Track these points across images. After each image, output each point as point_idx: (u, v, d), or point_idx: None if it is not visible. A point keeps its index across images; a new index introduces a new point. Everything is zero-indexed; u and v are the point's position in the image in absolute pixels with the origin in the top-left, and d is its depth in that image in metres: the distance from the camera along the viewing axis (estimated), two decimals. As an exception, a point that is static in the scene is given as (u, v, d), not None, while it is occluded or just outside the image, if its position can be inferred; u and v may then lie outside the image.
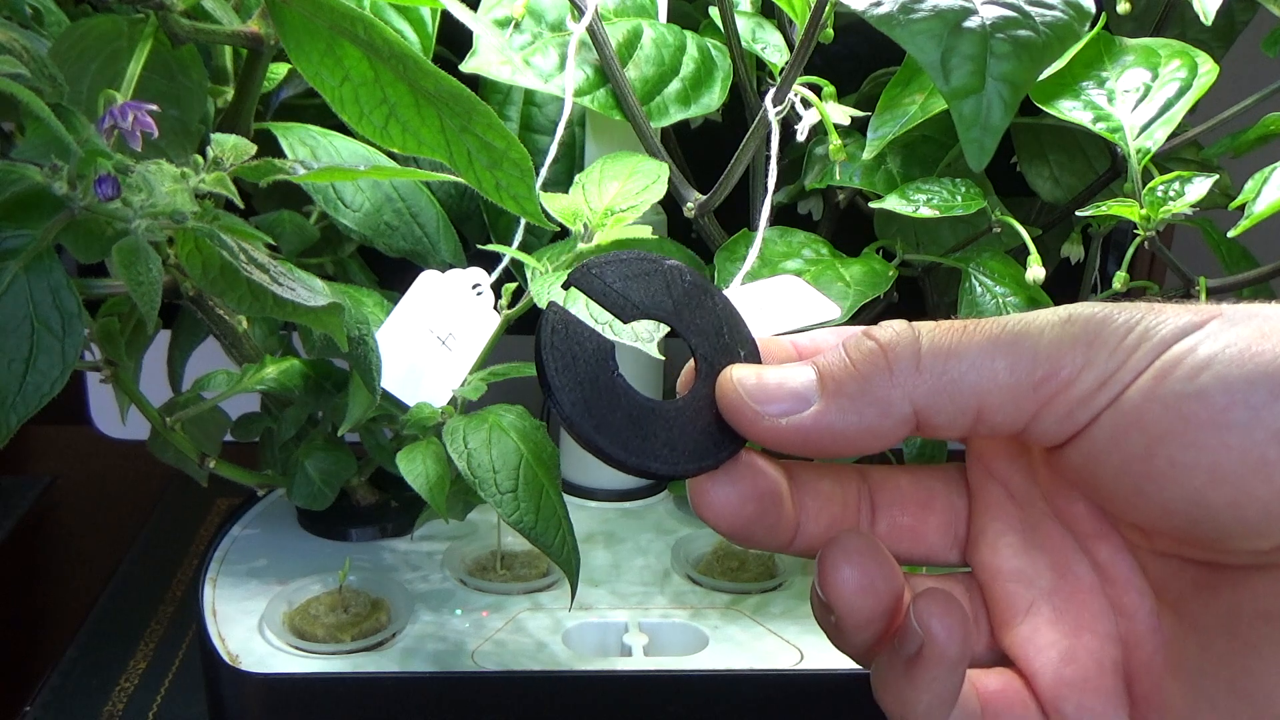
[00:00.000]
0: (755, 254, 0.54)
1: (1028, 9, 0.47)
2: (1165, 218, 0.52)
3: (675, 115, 0.59)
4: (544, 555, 0.54)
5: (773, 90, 0.54)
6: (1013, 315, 0.26)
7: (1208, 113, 0.60)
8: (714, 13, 0.60)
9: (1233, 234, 0.51)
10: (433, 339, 0.55)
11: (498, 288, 0.57)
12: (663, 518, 0.70)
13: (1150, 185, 0.52)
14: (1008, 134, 0.53)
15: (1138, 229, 0.53)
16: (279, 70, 0.57)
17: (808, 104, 0.54)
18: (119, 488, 0.86)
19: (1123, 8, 0.60)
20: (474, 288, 0.56)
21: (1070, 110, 0.55)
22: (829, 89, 0.55)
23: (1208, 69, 0.55)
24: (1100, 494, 0.27)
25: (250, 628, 0.56)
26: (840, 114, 0.55)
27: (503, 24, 0.58)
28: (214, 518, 0.82)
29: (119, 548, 0.78)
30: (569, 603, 0.53)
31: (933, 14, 0.46)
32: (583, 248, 0.51)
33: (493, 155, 0.46)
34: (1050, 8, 0.48)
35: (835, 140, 0.54)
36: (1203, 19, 0.54)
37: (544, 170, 0.57)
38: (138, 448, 0.63)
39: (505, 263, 0.58)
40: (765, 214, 0.55)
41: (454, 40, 0.57)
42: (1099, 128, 0.54)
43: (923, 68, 0.46)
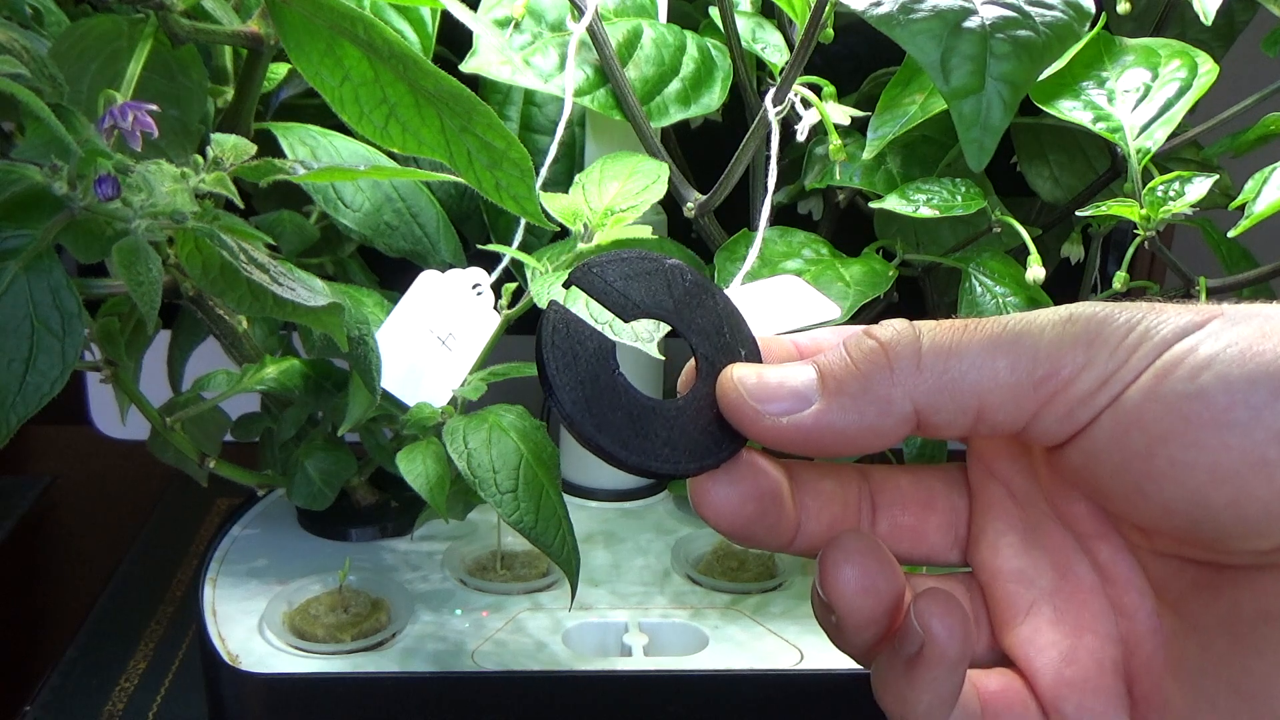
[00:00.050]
0: (755, 254, 0.54)
1: (1028, 9, 0.47)
2: (1165, 218, 0.52)
3: (675, 115, 0.59)
4: (544, 555, 0.54)
5: (773, 90, 0.54)
6: (1013, 315, 0.26)
7: (1208, 113, 0.60)
8: (714, 13, 0.60)
9: (1233, 234, 0.51)
10: (433, 339, 0.55)
11: (498, 288, 0.57)
12: (663, 518, 0.70)
13: (1150, 185, 0.52)
14: (1008, 134, 0.53)
15: (1138, 229, 0.53)
16: (279, 70, 0.57)
17: (808, 104, 0.54)
18: (119, 488, 0.86)
19: (1123, 8, 0.60)
20: (474, 288, 0.56)
21: (1070, 110, 0.55)
22: (829, 89, 0.55)
23: (1208, 69, 0.55)
24: (1101, 494, 0.27)
25: (250, 628, 0.56)
26: (840, 114, 0.55)
27: (503, 24, 0.58)
28: (214, 518, 0.82)
29: (119, 548, 0.78)
30: (569, 603, 0.53)
31: (933, 14, 0.46)
32: (583, 248, 0.51)
33: (493, 155, 0.46)
34: (1050, 8, 0.48)
35: (835, 140, 0.54)
36: (1203, 19, 0.54)
37: (544, 170, 0.57)
38: (138, 448, 0.63)
39: (505, 263, 0.58)
40: (765, 214, 0.55)
41: (454, 40, 0.57)
42: (1099, 128, 0.54)
43: (923, 68, 0.46)
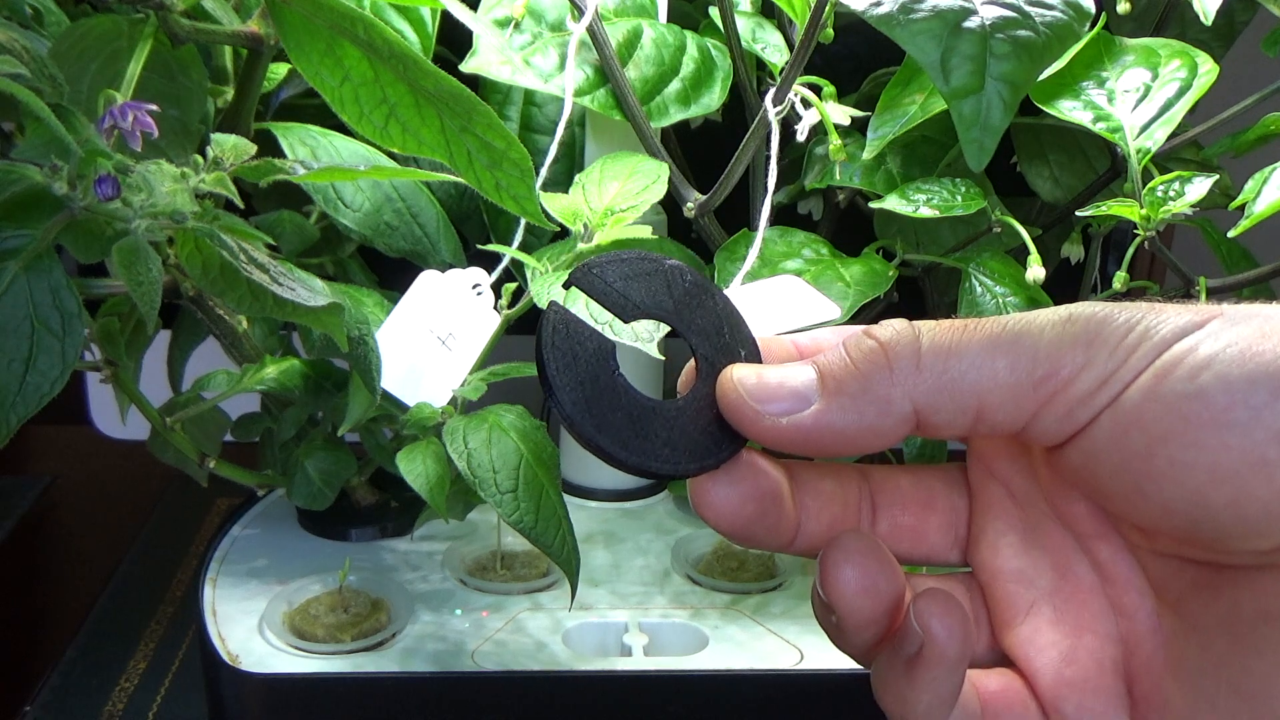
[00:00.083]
0: (755, 254, 0.54)
1: (1028, 9, 0.47)
2: (1165, 218, 0.52)
3: (675, 115, 0.59)
4: (544, 555, 0.54)
5: (773, 90, 0.54)
6: (1013, 315, 0.26)
7: (1208, 113, 0.60)
8: (714, 13, 0.60)
9: (1233, 234, 0.51)
10: (433, 339, 0.55)
11: (498, 288, 0.57)
12: (663, 518, 0.70)
13: (1150, 185, 0.52)
14: (1008, 134, 0.53)
15: (1138, 229, 0.53)
16: (279, 70, 0.57)
17: (808, 104, 0.54)
18: (119, 488, 0.86)
19: (1123, 8, 0.60)
20: (474, 288, 0.56)
21: (1070, 110, 0.55)
22: (829, 89, 0.55)
23: (1208, 69, 0.55)
24: (1100, 493, 0.27)
25: (250, 628, 0.56)
26: (840, 114, 0.55)
27: (503, 24, 0.58)
28: (214, 518, 0.82)
29: (119, 548, 0.78)
30: (569, 603, 0.53)
31: (933, 14, 0.46)
32: (583, 248, 0.51)
33: (493, 155, 0.46)
34: (1050, 8, 0.48)
35: (835, 140, 0.54)
36: (1203, 19, 0.54)
37: (544, 170, 0.57)
38: (138, 448, 0.63)
39: (505, 263, 0.58)
40: (765, 214, 0.55)
41: (454, 40, 0.57)
42: (1099, 128, 0.54)
43: (923, 68, 0.46)
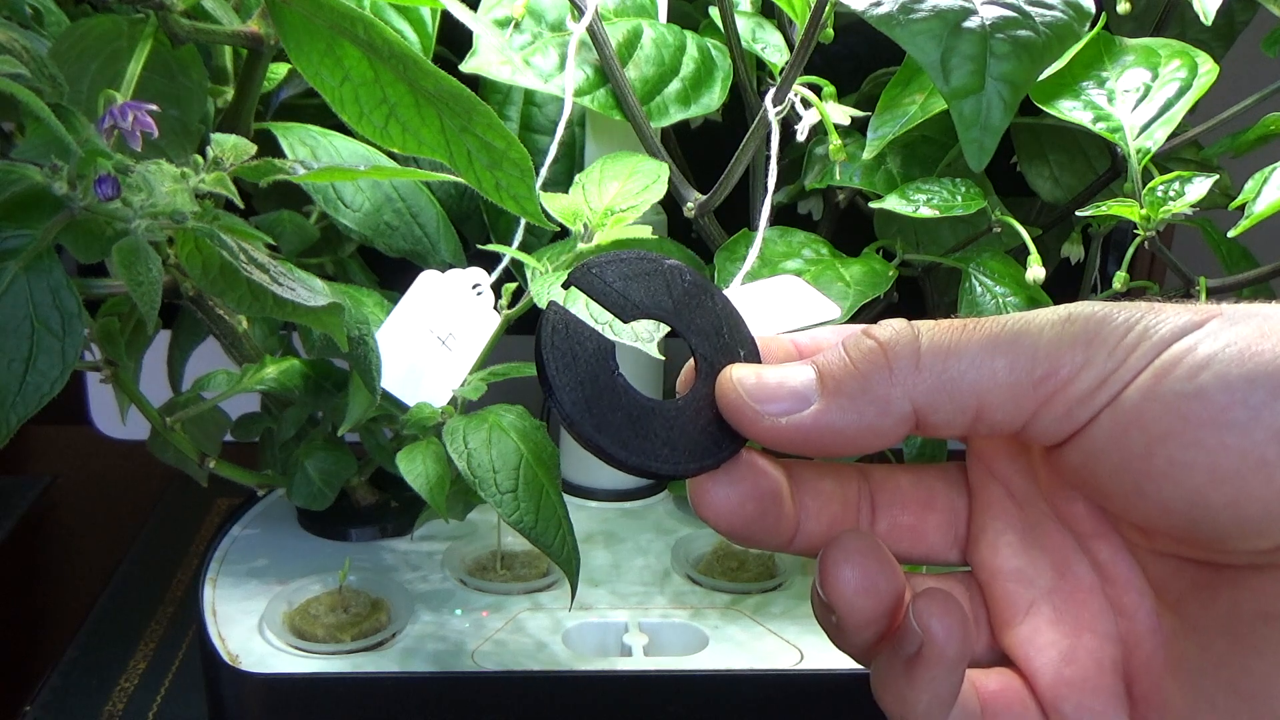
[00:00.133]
0: (755, 254, 0.54)
1: (1028, 9, 0.47)
2: (1165, 218, 0.52)
3: (675, 115, 0.59)
4: (544, 555, 0.54)
5: (773, 90, 0.54)
6: (1012, 314, 0.26)
7: (1208, 113, 0.60)
8: (714, 13, 0.60)
9: (1233, 234, 0.51)
10: (433, 339, 0.55)
11: (498, 288, 0.57)
12: (663, 518, 0.70)
13: (1150, 185, 0.52)
14: (1008, 134, 0.53)
15: (1138, 229, 0.53)
16: (279, 70, 0.57)
17: (808, 104, 0.54)
18: (119, 488, 0.86)
19: (1123, 8, 0.60)
20: (474, 288, 0.56)
21: (1070, 110, 0.55)
22: (829, 89, 0.55)
23: (1208, 69, 0.55)
24: (1100, 493, 0.27)
25: (250, 628, 0.56)
26: (840, 114, 0.55)
27: (503, 24, 0.58)
28: (214, 518, 0.82)
29: (119, 548, 0.78)
30: (569, 603, 0.53)
31: (933, 14, 0.46)
32: (583, 248, 0.51)
33: (493, 155, 0.46)
34: (1050, 8, 0.48)
35: (835, 140, 0.54)
36: (1203, 19, 0.54)
37: (544, 170, 0.57)
38: (138, 448, 0.63)
39: (505, 263, 0.58)
40: (765, 214, 0.55)
41: (454, 40, 0.57)
42: (1099, 128, 0.54)
43: (923, 68, 0.46)
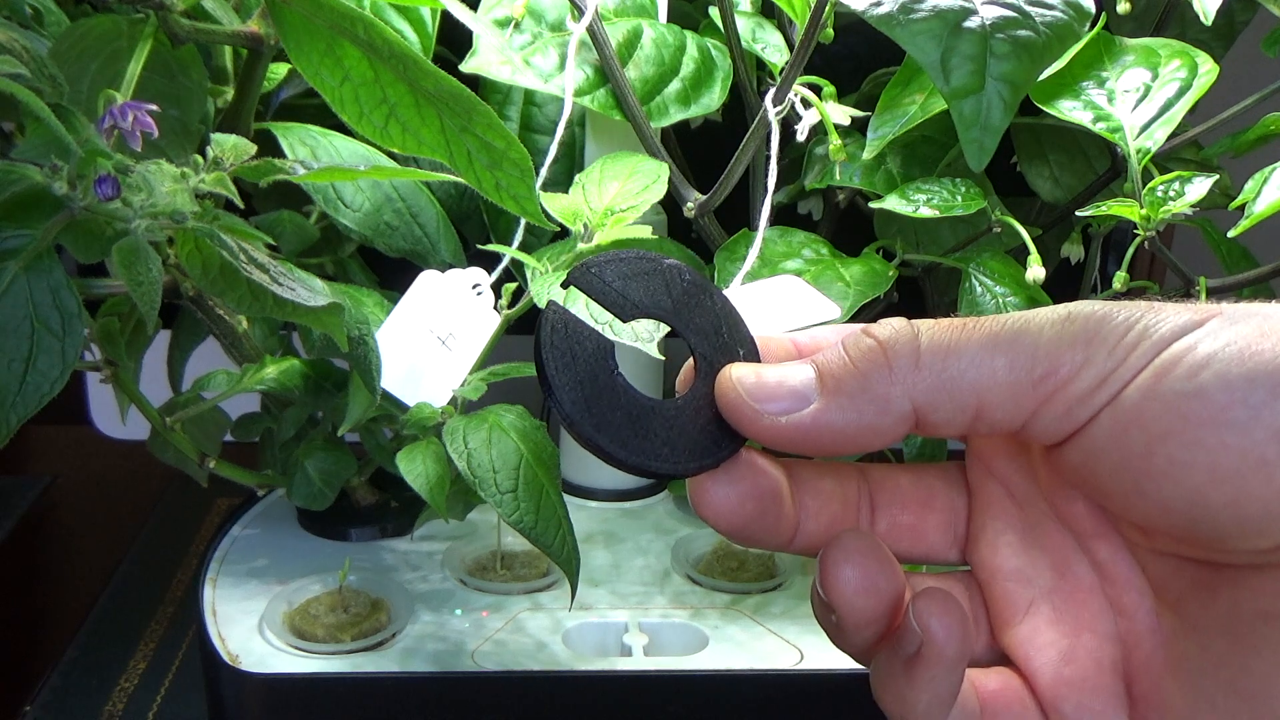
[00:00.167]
0: (755, 254, 0.54)
1: (1028, 9, 0.47)
2: (1165, 218, 0.52)
3: (675, 115, 0.59)
4: (544, 555, 0.54)
5: (773, 90, 0.54)
6: (1012, 313, 0.26)
7: (1208, 113, 0.60)
8: (714, 13, 0.60)
9: (1233, 234, 0.51)
10: (433, 339, 0.55)
11: (498, 288, 0.57)
12: (663, 518, 0.70)
13: (1150, 185, 0.52)
14: (1008, 134, 0.53)
15: (1138, 229, 0.53)
16: (279, 70, 0.57)
17: (808, 104, 0.54)
18: (119, 488, 0.86)
19: (1123, 8, 0.60)
20: (474, 288, 0.56)
21: (1070, 110, 0.55)
22: (829, 89, 0.55)
23: (1208, 69, 0.55)
24: (1099, 492, 0.27)
25: (250, 628, 0.56)
26: (840, 114, 0.55)
27: (503, 24, 0.58)
28: (214, 518, 0.82)
29: (119, 548, 0.78)
30: (569, 603, 0.53)
31: (933, 14, 0.46)
32: (583, 248, 0.51)
33: (493, 155, 0.46)
34: (1050, 8, 0.48)
35: (835, 140, 0.54)
36: (1203, 19, 0.54)
37: (544, 170, 0.57)
38: (138, 448, 0.63)
39: (505, 263, 0.58)
40: (765, 214, 0.55)
41: (454, 40, 0.57)
42: (1099, 128, 0.54)
43: (923, 68, 0.46)
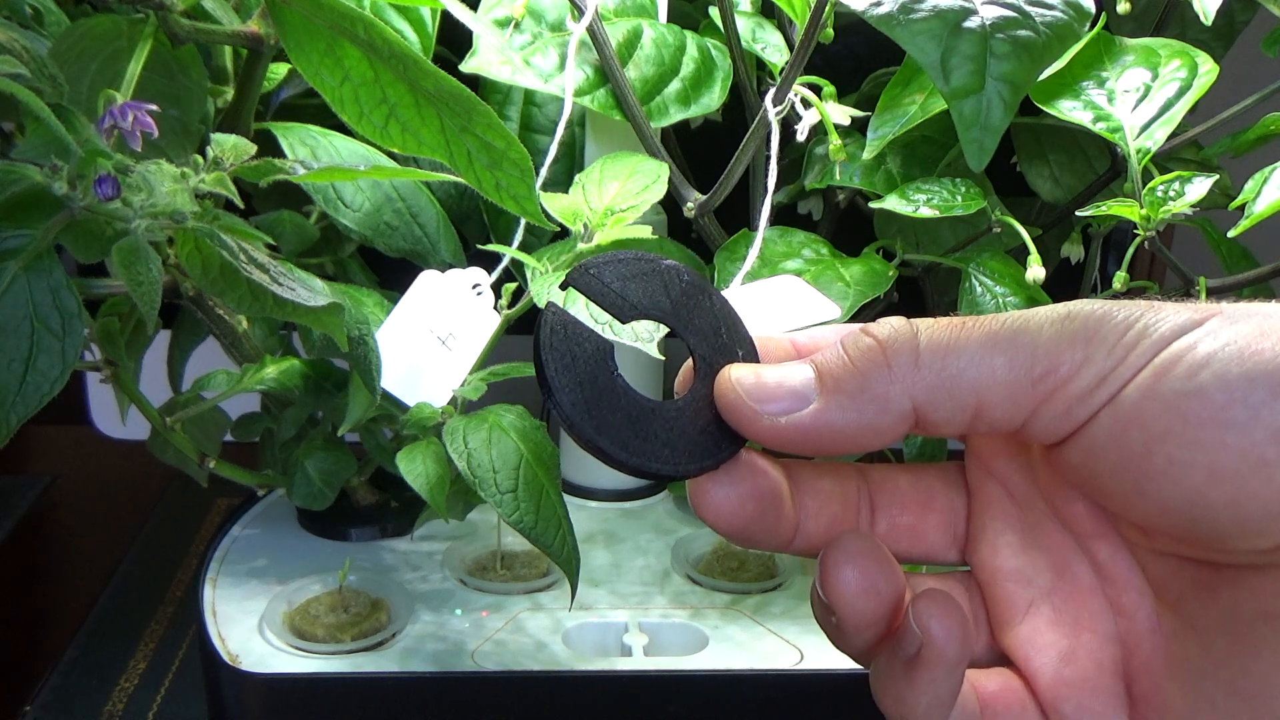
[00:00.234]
0: (755, 254, 0.54)
1: (1028, 9, 0.47)
2: (1165, 218, 0.52)
3: (675, 115, 0.59)
4: (544, 555, 0.54)
5: (773, 90, 0.54)
6: (1012, 312, 0.26)
7: (1208, 113, 0.60)
8: (714, 13, 0.60)
9: (1233, 234, 0.51)
10: (433, 339, 0.55)
11: (498, 288, 0.57)
12: (663, 518, 0.70)
13: (1150, 185, 0.52)
14: (1008, 134, 0.53)
15: (1138, 229, 0.53)
16: (279, 70, 0.57)
17: (808, 104, 0.54)
18: (119, 488, 0.86)
19: (1123, 8, 0.60)
20: (474, 288, 0.56)
21: (1070, 110, 0.55)
22: (829, 89, 0.55)
23: (1208, 69, 0.55)
24: (1099, 492, 0.27)
25: (250, 628, 0.56)
26: (840, 114, 0.55)
27: (503, 24, 0.58)
28: (214, 518, 0.82)
29: (119, 548, 0.78)
30: (569, 603, 0.53)
31: (933, 14, 0.46)
32: (583, 248, 0.51)
33: (493, 155, 0.46)
34: (1050, 8, 0.48)
35: (835, 140, 0.54)
36: (1203, 19, 0.54)
37: (544, 170, 0.57)
38: (138, 448, 0.63)
39: (505, 263, 0.58)
40: (765, 214, 0.55)
41: (454, 40, 0.57)
42: (1099, 128, 0.54)
43: (923, 68, 0.46)
